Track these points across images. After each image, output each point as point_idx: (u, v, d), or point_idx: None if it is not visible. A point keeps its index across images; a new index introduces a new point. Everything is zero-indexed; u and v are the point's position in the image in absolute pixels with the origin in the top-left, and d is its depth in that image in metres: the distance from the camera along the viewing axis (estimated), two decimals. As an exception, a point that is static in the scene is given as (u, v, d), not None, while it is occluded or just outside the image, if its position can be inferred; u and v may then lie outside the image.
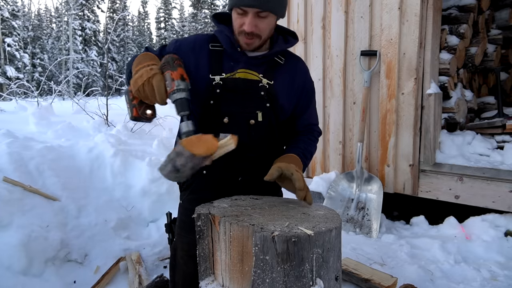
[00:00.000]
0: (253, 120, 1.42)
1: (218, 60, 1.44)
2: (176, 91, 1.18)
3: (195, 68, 1.42)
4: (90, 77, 26.26)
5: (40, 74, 27.43)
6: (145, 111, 1.27)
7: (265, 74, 1.45)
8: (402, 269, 2.50)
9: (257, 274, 0.98)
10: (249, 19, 1.32)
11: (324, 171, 3.82)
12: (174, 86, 1.18)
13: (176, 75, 1.19)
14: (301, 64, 1.57)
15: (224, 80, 1.41)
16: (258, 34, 1.37)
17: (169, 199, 3.27)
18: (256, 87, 1.43)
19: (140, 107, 1.26)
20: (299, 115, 1.56)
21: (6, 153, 2.87)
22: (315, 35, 3.73)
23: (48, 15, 40.93)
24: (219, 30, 1.45)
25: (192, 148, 1.03)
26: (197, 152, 1.03)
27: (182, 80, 1.19)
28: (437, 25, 3.22)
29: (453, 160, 3.21)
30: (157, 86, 1.18)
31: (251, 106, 1.42)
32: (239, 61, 1.44)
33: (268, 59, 1.46)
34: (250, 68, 1.44)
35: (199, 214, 1.14)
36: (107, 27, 17.29)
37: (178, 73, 1.19)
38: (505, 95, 4.72)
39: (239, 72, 1.43)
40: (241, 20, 1.35)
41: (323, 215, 1.15)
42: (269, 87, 1.44)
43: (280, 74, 1.48)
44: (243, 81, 1.42)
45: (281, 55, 1.50)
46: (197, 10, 44.96)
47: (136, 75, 1.21)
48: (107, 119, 5.65)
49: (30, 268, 2.24)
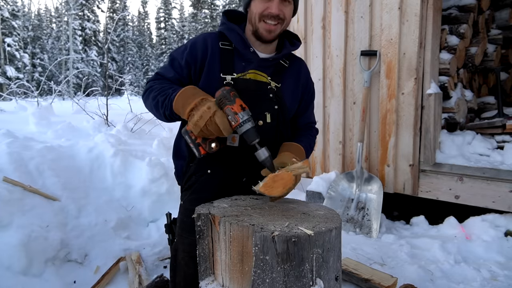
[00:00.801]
0: (261, 121, 1.43)
1: (229, 59, 1.45)
2: (242, 123, 1.19)
3: (208, 67, 1.42)
4: (90, 77, 26.26)
5: (40, 74, 27.43)
6: (211, 146, 1.27)
7: (273, 76, 1.48)
8: (402, 269, 2.50)
9: (257, 274, 0.98)
10: (275, 2, 1.35)
11: (324, 171, 3.82)
12: (239, 119, 1.19)
13: (237, 108, 1.19)
14: (304, 66, 1.62)
15: (235, 80, 1.42)
16: (283, 19, 1.40)
17: (169, 199, 3.27)
18: (266, 89, 1.45)
19: (205, 144, 1.27)
20: (300, 114, 1.61)
21: (6, 153, 2.87)
22: (315, 35, 3.73)
23: (48, 15, 40.93)
24: (229, 28, 1.45)
25: (271, 192, 1.06)
26: (277, 194, 1.06)
27: (243, 110, 1.20)
28: (437, 25, 3.22)
29: (453, 160, 3.21)
30: (221, 123, 1.18)
31: (260, 107, 1.43)
32: (251, 62, 1.45)
33: (277, 61, 1.49)
34: (260, 70, 1.46)
35: (199, 214, 1.14)
36: (107, 27, 17.28)
37: (237, 105, 1.19)
38: (505, 95, 4.72)
39: (250, 73, 1.44)
40: (265, 4, 1.36)
41: (323, 215, 1.15)
42: (276, 89, 1.47)
43: (286, 77, 1.52)
44: (254, 82, 1.44)
45: (286, 58, 1.54)
46: (197, 10, 44.96)
47: (195, 117, 1.18)
48: (107, 119, 5.65)
49: (30, 268, 2.24)
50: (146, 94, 1.43)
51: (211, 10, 44.87)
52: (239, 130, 1.21)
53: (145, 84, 1.51)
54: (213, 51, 1.44)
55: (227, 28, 1.45)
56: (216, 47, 1.45)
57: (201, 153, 1.28)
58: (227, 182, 1.45)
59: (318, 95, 3.75)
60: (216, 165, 1.43)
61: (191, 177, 1.50)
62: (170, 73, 1.44)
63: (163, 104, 1.32)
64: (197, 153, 1.29)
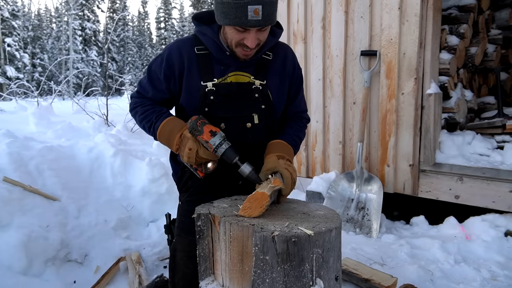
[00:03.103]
0: (249, 123, 1.41)
1: (207, 64, 1.40)
2: (216, 148, 1.26)
3: (188, 75, 1.40)
4: (90, 77, 26.26)
5: (40, 74, 27.42)
6: (207, 167, 1.36)
7: (256, 74, 1.43)
8: (402, 269, 2.50)
9: (257, 274, 0.98)
10: (251, 36, 1.28)
11: (324, 171, 3.82)
12: (211, 146, 1.26)
13: (207, 137, 1.26)
14: (289, 54, 1.54)
15: (216, 86, 1.38)
16: (259, 45, 1.35)
17: (169, 199, 3.27)
18: (250, 89, 1.41)
19: (201, 167, 1.36)
20: (288, 104, 1.56)
21: (6, 153, 2.87)
22: (315, 35, 3.73)
23: (48, 15, 40.94)
24: (201, 32, 1.40)
25: (251, 214, 1.10)
26: (256, 214, 1.10)
27: (214, 136, 1.25)
28: (437, 25, 3.22)
29: (453, 160, 3.21)
30: (207, 156, 1.29)
31: (246, 109, 1.41)
32: (229, 65, 1.41)
33: (258, 58, 1.43)
34: (241, 70, 1.41)
35: (199, 214, 1.14)
36: (107, 27, 17.30)
37: (206, 133, 1.26)
38: (505, 95, 4.72)
39: (231, 75, 1.40)
40: (240, 35, 1.29)
41: (323, 215, 1.15)
42: (262, 88, 1.42)
43: (270, 72, 1.47)
44: (237, 85, 1.40)
45: (268, 50, 1.47)
46: (197, 10, 44.94)
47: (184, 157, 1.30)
48: (107, 119, 5.66)
49: (30, 268, 2.24)
50: (132, 113, 1.51)
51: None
52: (217, 154, 1.28)
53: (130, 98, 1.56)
54: (189, 59, 1.40)
55: (200, 32, 1.40)
56: (192, 54, 1.41)
57: (201, 176, 1.37)
58: (223, 185, 1.45)
59: (318, 95, 3.75)
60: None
61: (188, 181, 1.50)
62: (149, 92, 1.47)
63: (150, 131, 1.44)
64: (198, 176, 1.38)
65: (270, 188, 1.16)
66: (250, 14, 1.21)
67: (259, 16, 1.22)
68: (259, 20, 1.23)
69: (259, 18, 1.22)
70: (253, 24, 1.23)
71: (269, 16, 1.25)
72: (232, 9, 1.22)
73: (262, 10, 1.21)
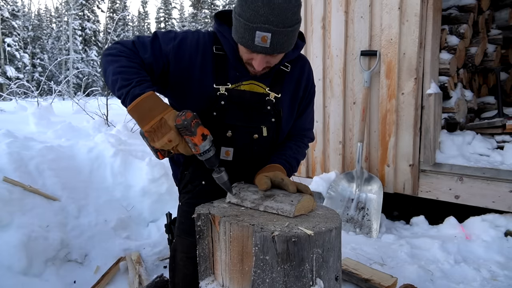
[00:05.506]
0: (256, 135, 1.36)
1: (223, 67, 1.32)
2: (203, 153, 1.17)
3: (199, 73, 1.32)
4: (90, 77, 26.24)
5: (40, 74, 27.43)
6: (170, 152, 1.25)
7: (272, 86, 1.36)
8: (402, 269, 2.50)
9: (257, 274, 0.98)
10: (259, 59, 1.20)
11: (324, 171, 3.82)
12: (199, 150, 1.16)
13: (198, 140, 1.14)
14: (306, 68, 1.48)
15: (229, 91, 1.31)
16: (269, 67, 1.28)
17: (169, 199, 3.27)
18: (263, 101, 1.35)
19: (163, 151, 1.25)
20: (295, 119, 1.50)
21: (6, 153, 2.87)
22: (315, 35, 3.73)
23: (48, 15, 40.94)
24: (221, 34, 1.31)
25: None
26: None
27: (204, 140, 1.15)
28: (437, 25, 3.22)
29: (453, 160, 3.21)
30: (185, 151, 1.17)
31: (256, 120, 1.35)
32: (245, 73, 1.33)
33: (276, 69, 1.37)
34: (257, 79, 1.34)
35: (199, 214, 1.14)
36: (107, 27, 17.28)
37: (199, 136, 1.14)
38: (505, 95, 4.72)
39: (246, 83, 1.33)
40: (249, 55, 1.22)
41: (323, 215, 1.15)
42: (276, 101, 1.36)
43: (286, 84, 1.40)
44: (250, 94, 1.33)
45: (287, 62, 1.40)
46: (197, 10, 44.95)
47: (157, 143, 1.12)
48: (107, 119, 5.66)
49: (30, 268, 2.24)
50: (109, 58, 1.23)
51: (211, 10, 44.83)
52: (200, 158, 1.19)
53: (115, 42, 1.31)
54: (204, 56, 1.32)
55: (220, 32, 1.31)
56: (209, 52, 1.33)
57: (160, 158, 1.28)
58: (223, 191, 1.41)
59: (318, 95, 3.74)
60: (210, 177, 1.30)
61: (187, 185, 1.48)
62: (146, 53, 1.28)
63: (119, 90, 1.17)
64: (156, 157, 1.28)
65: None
66: (257, 40, 1.13)
67: (266, 44, 1.13)
68: (266, 48, 1.15)
69: (267, 46, 1.14)
70: (259, 50, 1.16)
71: (279, 45, 1.16)
72: (241, 29, 1.15)
73: (271, 38, 1.12)
